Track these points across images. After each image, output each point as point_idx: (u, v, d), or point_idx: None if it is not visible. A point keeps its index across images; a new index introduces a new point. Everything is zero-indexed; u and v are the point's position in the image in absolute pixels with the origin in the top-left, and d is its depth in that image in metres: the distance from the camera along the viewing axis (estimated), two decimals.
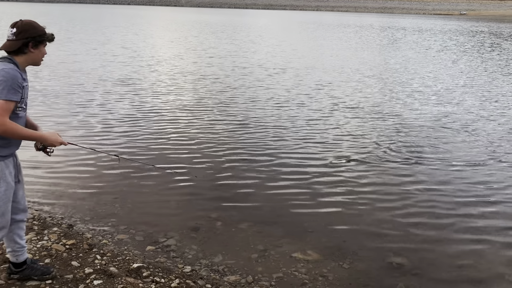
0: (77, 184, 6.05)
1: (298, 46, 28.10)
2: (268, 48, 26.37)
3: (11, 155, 3.11)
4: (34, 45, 3.02)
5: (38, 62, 3.15)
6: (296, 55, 22.92)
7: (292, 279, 4.13)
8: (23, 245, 3.43)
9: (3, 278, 3.51)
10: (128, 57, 19.31)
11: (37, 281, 3.52)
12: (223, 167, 6.90)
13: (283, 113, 10.44)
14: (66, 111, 9.83)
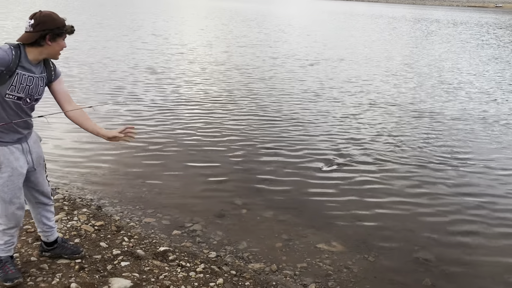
0: (106, 167, 6.16)
1: (330, 37, 27.78)
2: (298, 38, 26.15)
3: (16, 142, 3.02)
4: (52, 37, 2.90)
5: (56, 55, 3.02)
6: (328, 46, 22.65)
7: (316, 269, 4.12)
8: (51, 226, 3.50)
9: (35, 255, 3.62)
10: (158, 45, 19.42)
11: (67, 260, 3.60)
12: (250, 156, 6.90)
13: (315, 107, 10.21)
14: (95, 99, 9.87)
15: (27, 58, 2.90)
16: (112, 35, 21.60)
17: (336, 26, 37.05)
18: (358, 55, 19.85)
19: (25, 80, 2.90)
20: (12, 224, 3.13)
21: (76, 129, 7.48)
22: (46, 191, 3.36)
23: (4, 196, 3.01)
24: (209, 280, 3.62)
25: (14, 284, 3.15)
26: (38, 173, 3.24)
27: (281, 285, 3.75)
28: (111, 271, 3.57)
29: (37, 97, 3.03)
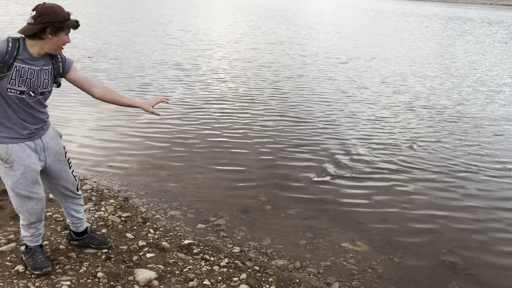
0: (133, 160, 6.25)
1: (360, 35, 27.44)
2: (328, 35, 25.91)
3: (27, 138, 2.98)
4: (53, 31, 2.80)
5: (57, 50, 2.92)
6: (358, 44, 22.33)
7: (340, 268, 4.08)
8: (80, 218, 3.55)
9: (63, 244, 3.70)
10: (187, 41, 19.54)
11: (94, 249, 3.67)
12: (277, 154, 6.86)
13: (345, 108, 9.89)
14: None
15: (27, 50, 2.83)
16: (141, 30, 21.86)
17: (366, 24, 36.56)
18: (390, 54, 19.44)
19: (25, 73, 2.82)
20: (34, 219, 3.15)
21: (102, 126, 7.65)
22: (72, 186, 3.35)
23: (21, 193, 3.01)
24: (233, 275, 3.63)
25: (43, 272, 3.22)
26: (59, 170, 3.22)
27: (305, 283, 3.73)
28: (136, 262, 3.62)
29: (42, 90, 2.94)
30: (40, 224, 3.26)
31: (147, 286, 3.29)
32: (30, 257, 3.26)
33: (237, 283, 3.50)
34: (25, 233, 3.24)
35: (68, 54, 3.15)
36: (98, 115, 8.00)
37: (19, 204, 3.08)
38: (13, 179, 2.96)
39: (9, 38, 2.81)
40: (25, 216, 3.13)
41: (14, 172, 2.94)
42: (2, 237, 3.66)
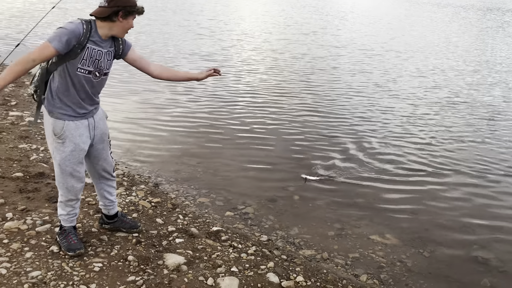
0: (164, 147, 6.33)
1: (395, 26, 26.83)
2: (361, 26, 25.46)
3: (82, 116, 3.11)
4: (124, 15, 2.98)
5: (123, 33, 3.08)
6: (393, 35, 21.80)
7: (368, 260, 4.04)
8: (113, 201, 3.64)
9: (96, 227, 3.79)
10: (219, 31, 19.50)
11: (125, 233, 3.75)
12: (306, 146, 6.83)
13: (380, 103, 9.61)
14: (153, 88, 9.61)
15: (97, 32, 2.99)
16: (172, 20, 21.99)
17: (400, 14, 35.74)
18: (427, 46, 18.86)
19: (94, 54, 2.99)
20: (71, 196, 3.24)
21: (133, 117, 7.76)
22: (109, 167, 3.46)
23: (66, 169, 3.12)
24: (260, 263, 3.64)
25: (76, 254, 3.31)
26: (101, 149, 3.34)
27: (332, 274, 3.71)
28: (166, 246, 3.67)
29: (105, 71, 3.12)
30: (77, 203, 3.35)
31: (176, 270, 3.34)
32: (64, 238, 3.35)
33: (264, 271, 3.51)
34: (62, 211, 3.31)
35: None
36: (128, 106, 8.14)
37: (61, 180, 3.18)
38: (62, 155, 3.08)
39: (82, 20, 2.95)
40: (64, 192, 3.22)
41: (64, 148, 3.07)
42: (37, 218, 3.78)
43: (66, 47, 2.85)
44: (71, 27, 2.87)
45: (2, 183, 4.41)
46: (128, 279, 3.14)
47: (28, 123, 6.25)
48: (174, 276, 3.26)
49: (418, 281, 3.82)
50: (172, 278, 3.23)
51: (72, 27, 2.87)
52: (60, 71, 2.96)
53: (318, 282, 3.52)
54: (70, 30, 2.85)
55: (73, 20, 2.94)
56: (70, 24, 2.89)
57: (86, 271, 3.16)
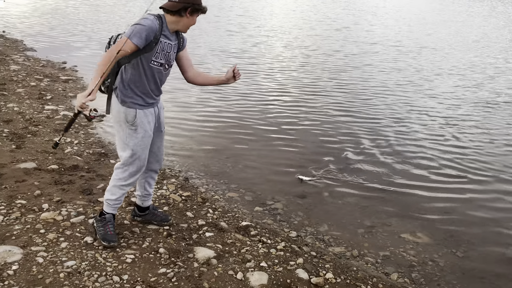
0: (194, 143, 6.38)
1: (429, 21, 26.19)
2: (395, 21, 24.95)
3: (150, 106, 3.30)
4: (191, 11, 3.16)
5: (186, 29, 3.26)
6: (429, 32, 21.25)
7: (399, 259, 3.98)
8: (150, 193, 3.72)
9: (128, 219, 3.86)
10: (250, 27, 19.49)
11: (156, 226, 3.80)
12: (337, 144, 6.77)
13: (415, 103, 9.22)
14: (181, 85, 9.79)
15: (167, 26, 3.16)
16: (201, 16, 22.01)
17: (434, 9, 34.91)
18: (464, 42, 18.21)
19: (166, 47, 3.18)
20: (131, 180, 3.37)
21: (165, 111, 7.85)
22: (159, 157, 3.62)
23: (137, 154, 3.28)
24: (289, 258, 3.63)
25: (110, 246, 3.38)
26: (158, 138, 3.51)
27: (362, 271, 3.67)
28: (196, 240, 3.71)
29: (172, 63, 3.32)
30: (129, 188, 3.45)
31: (206, 264, 3.37)
32: (102, 226, 3.42)
33: (293, 267, 3.50)
34: (111, 196, 3.39)
35: None
36: None
37: (129, 164, 3.30)
38: (135, 141, 3.25)
39: (155, 16, 3.10)
40: (126, 176, 3.34)
41: (137, 134, 3.25)
42: (72, 210, 3.87)
43: (144, 42, 3.02)
44: (148, 23, 3.02)
45: (39, 175, 4.54)
46: (159, 271, 3.18)
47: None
48: (204, 269, 3.29)
49: (451, 282, 3.73)
50: (202, 272, 3.26)
51: (149, 23, 3.02)
52: (134, 63, 3.13)
53: (348, 279, 3.49)
54: (148, 26, 3.00)
55: (147, 16, 3.07)
56: (147, 20, 3.02)
57: (118, 262, 3.22)
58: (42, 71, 9.36)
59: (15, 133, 5.63)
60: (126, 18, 19.11)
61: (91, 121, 3.42)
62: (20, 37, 13.17)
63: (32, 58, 10.66)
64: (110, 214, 3.45)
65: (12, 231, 3.45)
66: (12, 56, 10.31)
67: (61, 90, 8.07)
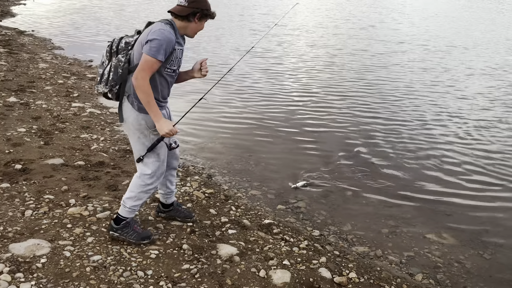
0: (217, 140, 6.42)
1: (458, 19, 25.59)
2: (422, 19, 24.42)
3: (163, 108, 3.30)
4: (200, 17, 3.13)
5: (194, 34, 3.22)
6: (458, 30, 20.66)
7: (424, 260, 3.92)
8: (172, 190, 3.75)
9: (152, 215, 3.90)
10: (275, 26, 19.38)
11: (180, 222, 3.84)
12: (360, 140, 6.73)
13: (444, 104, 8.83)
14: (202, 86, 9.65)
15: (178, 33, 3.13)
16: (225, 14, 22.13)
17: (463, 6, 34.14)
18: (498, 41, 17.52)
19: (179, 53, 3.16)
20: (157, 183, 3.37)
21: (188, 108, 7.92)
22: (178, 154, 3.66)
23: (163, 158, 3.31)
24: (312, 257, 3.62)
25: (151, 241, 3.43)
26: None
27: (386, 271, 3.63)
28: (219, 237, 3.73)
29: (180, 68, 3.31)
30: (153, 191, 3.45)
31: (229, 261, 3.39)
32: (131, 230, 3.40)
33: (316, 266, 3.49)
34: (135, 201, 3.32)
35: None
36: (181, 105, 8.30)
37: (157, 168, 3.29)
38: (159, 144, 3.25)
39: (168, 25, 3.06)
40: (154, 180, 3.31)
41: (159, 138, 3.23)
42: (98, 205, 3.94)
43: (166, 56, 3.02)
44: (167, 36, 2.98)
45: (66, 170, 4.64)
46: (183, 267, 3.22)
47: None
48: (227, 266, 3.31)
49: (477, 284, 3.66)
50: (225, 268, 3.28)
51: (168, 36, 2.99)
52: None
53: (372, 279, 3.46)
54: (167, 40, 2.98)
55: (163, 27, 3.01)
56: (164, 33, 2.98)
57: (143, 257, 3.26)
58: (69, 69, 9.55)
59: (43, 129, 5.76)
60: (150, 17, 19.31)
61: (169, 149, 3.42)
62: (48, 36, 13.46)
63: (59, 56, 10.89)
64: (131, 217, 3.43)
65: (41, 225, 3.53)
66: (41, 55, 10.55)
67: (88, 88, 8.22)
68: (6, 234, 3.34)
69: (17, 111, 6.32)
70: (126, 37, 3.21)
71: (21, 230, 3.42)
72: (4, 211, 3.68)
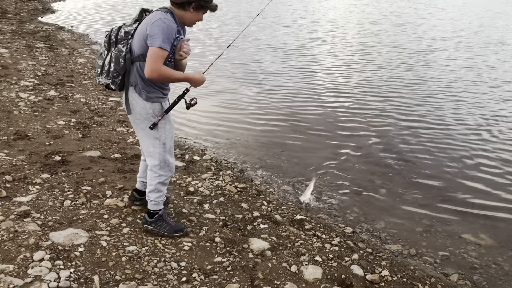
0: (249, 135, 6.44)
1: (497, 14, 24.70)
2: (461, 15, 23.65)
3: (165, 97, 3.32)
4: (196, 7, 3.09)
5: (191, 24, 3.20)
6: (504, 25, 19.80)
7: (460, 260, 3.83)
8: None
9: (186, 208, 3.96)
10: (308, 22, 19.25)
11: (213, 215, 3.89)
12: (396, 140, 6.60)
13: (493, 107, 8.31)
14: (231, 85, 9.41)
15: (177, 21, 3.11)
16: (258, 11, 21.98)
17: (503, 2, 32.91)
18: None
19: (178, 42, 3.13)
20: (172, 172, 3.41)
21: (221, 104, 7.97)
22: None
23: (169, 145, 3.33)
24: (344, 254, 3.60)
25: (185, 233, 3.50)
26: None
27: (419, 271, 3.57)
28: (251, 231, 3.76)
29: None
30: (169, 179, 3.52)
31: (261, 255, 3.40)
32: (164, 223, 3.47)
33: (348, 263, 3.47)
34: (157, 194, 3.39)
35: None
36: (212, 103, 8.38)
37: (164, 159, 3.32)
38: (166, 133, 3.30)
39: (168, 14, 3.05)
40: (165, 171, 3.36)
41: (166, 126, 3.29)
42: None
43: (170, 44, 3.01)
44: (169, 25, 2.97)
45: (103, 163, 4.76)
46: (215, 260, 3.25)
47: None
48: (258, 260, 3.33)
49: None
50: (257, 262, 3.30)
51: (170, 25, 2.98)
52: None
53: (405, 278, 3.41)
54: (170, 29, 2.97)
55: (163, 16, 2.99)
56: (166, 22, 2.97)
57: (176, 249, 3.32)
58: None
59: (81, 122, 5.93)
60: None
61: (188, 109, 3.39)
62: (86, 32, 13.80)
63: (97, 51, 11.15)
64: (162, 209, 3.49)
65: (79, 215, 3.64)
66: (79, 50, 10.84)
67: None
68: (46, 223, 3.46)
69: (56, 104, 6.53)
70: (125, 26, 3.16)
71: (60, 220, 3.54)
72: (44, 201, 3.81)
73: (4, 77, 7.43)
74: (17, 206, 3.66)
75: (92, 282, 2.84)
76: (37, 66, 8.48)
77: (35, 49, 10.03)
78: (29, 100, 6.52)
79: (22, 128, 5.48)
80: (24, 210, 3.58)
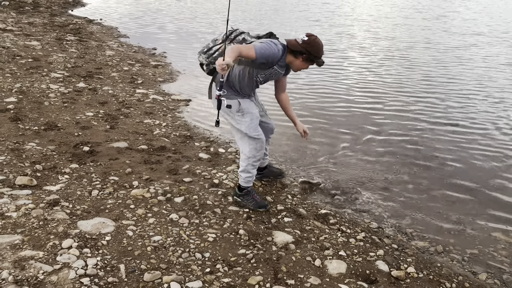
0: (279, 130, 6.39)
1: None
2: (497, 8, 22.90)
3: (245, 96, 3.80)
4: (306, 59, 3.59)
5: (297, 69, 3.72)
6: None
7: (489, 259, 3.73)
8: (267, 154, 4.45)
9: (210, 199, 3.98)
10: (335, 16, 19.10)
11: (236, 208, 3.91)
12: (424, 137, 6.43)
13: None
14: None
15: (284, 59, 3.61)
16: (286, 4, 21.96)
17: None
18: None
19: (274, 72, 3.67)
20: (259, 156, 3.84)
21: None
22: (273, 127, 4.24)
23: (252, 135, 3.74)
24: (369, 249, 3.56)
25: (267, 209, 3.94)
26: (266, 116, 4.15)
27: (447, 268, 3.50)
28: (275, 224, 3.75)
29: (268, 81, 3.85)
30: (259, 163, 3.95)
31: (284, 248, 3.40)
32: (250, 198, 3.93)
33: (373, 258, 3.43)
34: (247, 174, 3.88)
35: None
36: None
37: (248, 145, 3.79)
38: (245, 125, 3.73)
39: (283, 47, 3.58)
40: (253, 154, 3.80)
41: (245, 118, 3.73)
42: (159, 188, 4.08)
43: (263, 60, 3.45)
44: (274, 49, 3.47)
45: (130, 154, 4.83)
46: (239, 252, 3.27)
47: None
48: (282, 253, 3.32)
49: None
50: (281, 256, 3.29)
51: (276, 52, 3.48)
52: (243, 67, 3.60)
53: (431, 275, 3.35)
54: (274, 52, 3.46)
55: (277, 44, 3.52)
56: (276, 47, 3.48)
57: (201, 240, 3.35)
58: (134, 56, 9.90)
59: (109, 114, 6.02)
60: (210, 10, 19.53)
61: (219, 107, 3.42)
62: (115, 25, 14.00)
63: (125, 44, 11.30)
64: (251, 187, 3.94)
65: (106, 204, 3.71)
66: (108, 42, 11.00)
67: (151, 75, 8.48)
68: (75, 211, 3.54)
69: (85, 96, 6.65)
70: (247, 35, 3.66)
71: (88, 209, 3.62)
72: (73, 190, 3.90)
73: (35, 69, 7.61)
74: (47, 194, 3.76)
75: (118, 270, 2.89)
76: (67, 58, 8.66)
77: (65, 41, 10.24)
78: (59, 91, 6.66)
79: (52, 119, 5.61)
80: (53, 199, 3.67)
